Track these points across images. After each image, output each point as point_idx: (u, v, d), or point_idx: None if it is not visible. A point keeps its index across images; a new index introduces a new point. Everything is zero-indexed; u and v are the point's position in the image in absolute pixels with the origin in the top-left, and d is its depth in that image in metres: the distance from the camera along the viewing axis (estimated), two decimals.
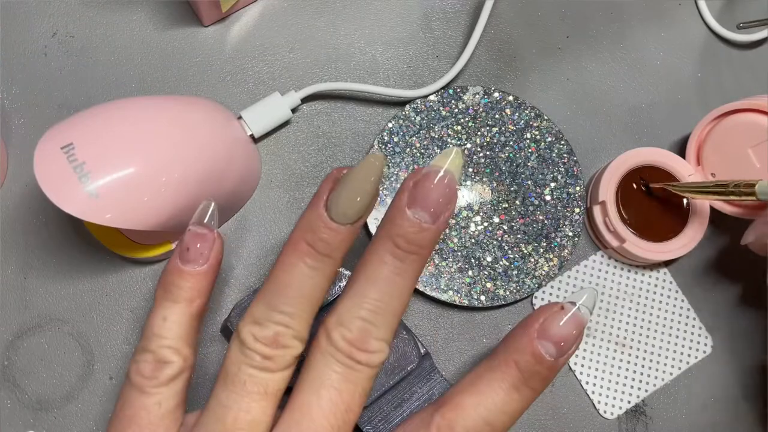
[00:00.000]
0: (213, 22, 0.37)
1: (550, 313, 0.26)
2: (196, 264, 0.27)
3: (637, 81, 0.39)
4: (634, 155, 0.36)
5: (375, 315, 0.25)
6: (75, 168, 0.27)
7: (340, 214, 0.25)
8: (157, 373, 0.26)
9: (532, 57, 0.39)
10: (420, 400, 0.32)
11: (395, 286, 0.25)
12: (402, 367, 0.32)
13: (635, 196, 0.35)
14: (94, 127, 0.29)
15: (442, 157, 0.25)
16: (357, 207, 0.25)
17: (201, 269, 0.27)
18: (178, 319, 0.26)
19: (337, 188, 0.25)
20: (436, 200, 0.25)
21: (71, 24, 0.37)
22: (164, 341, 0.26)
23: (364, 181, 0.25)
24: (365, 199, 0.25)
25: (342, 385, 0.25)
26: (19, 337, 0.33)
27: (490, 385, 0.26)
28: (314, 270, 0.25)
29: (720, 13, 0.41)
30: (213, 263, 0.27)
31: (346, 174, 0.25)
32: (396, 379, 0.31)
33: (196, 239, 0.27)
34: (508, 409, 0.26)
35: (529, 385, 0.26)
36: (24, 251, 0.34)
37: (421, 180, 0.25)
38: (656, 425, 0.35)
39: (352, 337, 0.25)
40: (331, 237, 0.25)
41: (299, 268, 0.25)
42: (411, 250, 0.25)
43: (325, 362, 0.25)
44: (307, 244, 0.25)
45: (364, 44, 0.38)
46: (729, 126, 0.35)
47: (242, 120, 0.34)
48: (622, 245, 0.35)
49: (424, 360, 0.33)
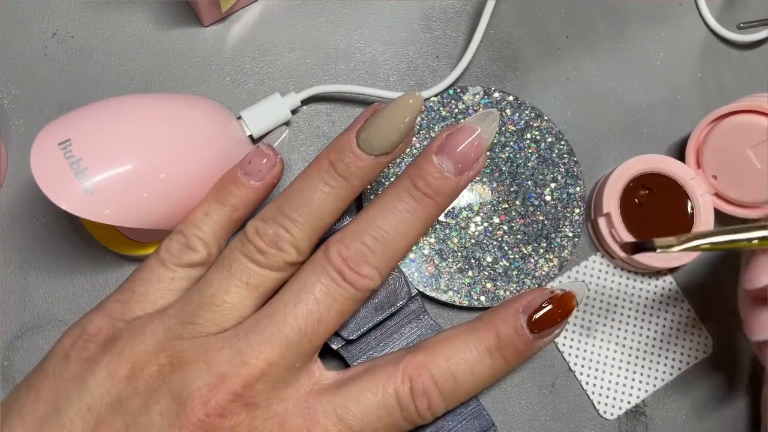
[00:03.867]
0: (213, 22, 0.37)
1: (539, 295, 0.27)
2: (251, 177, 0.28)
3: (637, 81, 0.39)
4: (634, 163, 0.35)
5: (376, 242, 0.27)
6: (72, 164, 0.27)
7: (366, 143, 0.26)
8: (182, 254, 0.28)
9: (532, 57, 0.39)
10: (408, 339, 0.32)
11: (404, 223, 0.27)
12: (391, 302, 0.32)
13: (639, 205, 0.35)
14: (92, 123, 0.28)
15: (479, 117, 0.27)
16: (384, 140, 0.26)
17: (255, 184, 0.28)
18: (217, 219, 0.28)
19: (371, 119, 0.26)
20: (462, 154, 0.26)
21: (71, 24, 0.37)
22: (199, 232, 0.28)
23: (396, 118, 0.26)
24: (393, 135, 0.26)
25: (323, 296, 0.26)
26: (18, 338, 0.33)
27: (466, 343, 0.27)
28: (328, 186, 0.27)
29: (720, 13, 0.41)
30: (267, 183, 0.29)
31: (382, 107, 0.26)
32: (385, 315, 0.31)
33: (259, 156, 0.29)
34: (477, 370, 0.27)
35: (503, 355, 0.27)
36: (24, 251, 0.34)
37: (454, 133, 0.27)
38: (656, 425, 0.35)
39: (347, 255, 0.26)
40: (352, 162, 0.26)
41: (314, 181, 0.27)
42: (428, 193, 0.26)
43: (314, 270, 0.27)
44: (329, 162, 0.27)
45: (364, 44, 0.38)
46: (727, 127, 0.35)
47: (242, 120, 0.34)
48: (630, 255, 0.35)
49: (413, 301, 0.33)
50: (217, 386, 0.25)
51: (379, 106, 0.27)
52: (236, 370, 0.25)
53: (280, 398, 0.26)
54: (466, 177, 0.27)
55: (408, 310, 0.33)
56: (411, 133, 0.27)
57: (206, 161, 0.30)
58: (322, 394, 0.27)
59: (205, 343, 0.26)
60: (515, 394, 0.35)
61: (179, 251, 0.28)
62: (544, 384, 0.35)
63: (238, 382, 0.25)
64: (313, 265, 0.27)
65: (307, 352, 0.26)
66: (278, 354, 0.25)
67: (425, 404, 0.26)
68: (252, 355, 0.25)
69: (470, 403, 0.32)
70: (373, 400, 0.26)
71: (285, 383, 0.26)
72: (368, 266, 0.26)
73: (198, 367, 0.25)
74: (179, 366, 0.25)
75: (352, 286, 0.26)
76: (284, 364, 0.26)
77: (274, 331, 0.26)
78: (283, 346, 0.25)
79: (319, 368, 0.28)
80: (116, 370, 0.25)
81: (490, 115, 0.27)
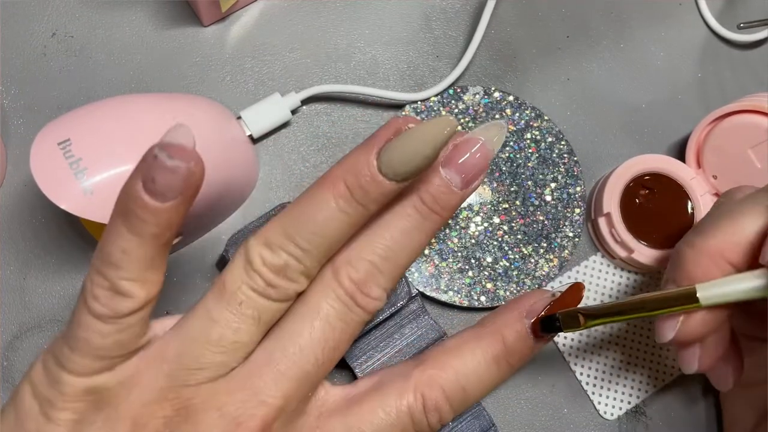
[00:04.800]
0: (213, 22, 0.37)
1: (541, 298, 0.27)
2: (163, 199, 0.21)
3: (637, 81, 0.39)
4: (634, 164, 0.35)
5: (384, 261, 0.25)
6: (71, 164, 0.27)
7: (391, 169, 0.23)
8: (115, 305, 0.22)
9: (532, 57, 0.39)
10: (408, 339, 0.32)
11: (410, 240, 0.25)
12: (392, 302, 0.31)
13: (639, 205, 0.35)
14: (91, 123, 0.28)
15: (486, 128, 0.26)
16: (411, 168, 0.23)
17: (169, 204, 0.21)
18: (142, 254, 0.22)
19: (396, 141, 0.23)
20: (469, 167, 0.25)
21: (71, 24, 0.37)
22: (124, 274, 0.22)
23: (427, 144, 0.23)
24: (421, 163, 0.23)
25: (336, 322, 0.24)
26: (18, 338, 0.33)
27: (474, 353, 0.26)
28: (344, 214, 0.24)
29: (720, 13, 0.41)
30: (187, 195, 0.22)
31: (411, 129, 0.23)
32: (385, 315, 0.31)
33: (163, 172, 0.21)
34: (485, 379, 0.26)
35: (509, 361, 0.27)
36: (24, 251, 0.34)
37: (460, 144, 0.25)
38: (656, 426, 0.35)
39: (357, 278, 0.25)
40: (373, 188, 0.23)
41: (329, 206, 0.24)
42: (434, 209, 0.25)
43: (325, 296, 0.25)
44: (345, 186, 0.23)
45: (364, 44, 0.38)
46: (728, 127, 0.35)
47: (241, 120, 0.34)
48: (630, 255, 0.35)
49: (413, 301, 0.33)
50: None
51: (403, 125, 0.24)
52: (253, 413, 0.23)
53: (294, 429, 0.25)
54: (470, 189, 0.26)
55: (408, 310, 0.33)
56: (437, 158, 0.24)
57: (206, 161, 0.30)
58: (332, 415, 0.26)
59: (215, 388, 0.23)
60: (515, 394, 0.35)
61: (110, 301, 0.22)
62: (544, 384, 0.35)
63: (255, 426, 0.23)
64: (322, 289, 0.25)
65: (321, 379, 0.25)
66: (295, 388, 0.24)
67: (436, 417, 0.26)
68: (269, 394, 0.23)
69: None
70: (387, 419, 0.25)
71: (299, 413, 0.25)
72: (377, 288, 0.25)
73: (211, 415, 0.23)
74: (189, 416, 0.23)
75: (364, 310, 0.25)
76: (299, 396, 0.24)
77: (290, 365, 0.24)
78: (300, 380, 0.24)
79: (323, 386, 0.27)
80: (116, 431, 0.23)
81: (496, 126, 0.26)
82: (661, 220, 0.35)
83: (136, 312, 0.23)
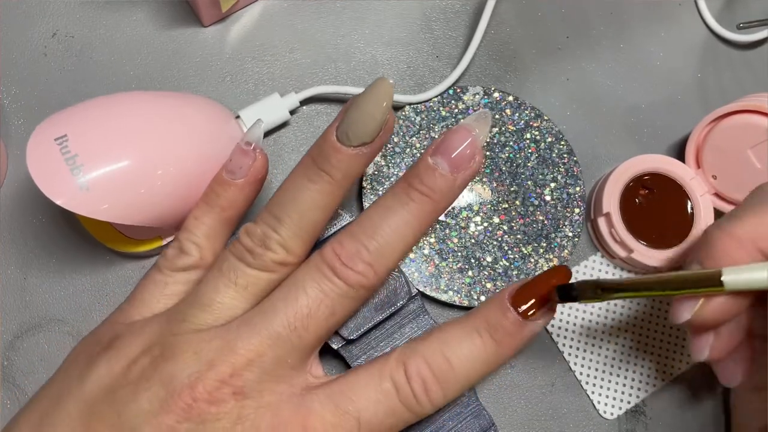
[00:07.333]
0: (213, 22, 0.37)
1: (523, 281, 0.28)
2: (234, 175, 0.29)
3: (637, 81, 0.39)
4: (634, 164, 0.35)
5: (371, 240, 0.27)
6: (67, 160, 0.27)
7: (344, 135, 0.26)
8: (176, 259, 0.29)
9: (532, 57, 0.39)
10: (408, 339, 0.32)
11: (401, 222, 0.27)
12: (392, 302, 0.32)
13: (638, 205, 0.35)
14: (89, 119, 0.28)
15: (472, 117, 0.27)
16: (360, 129, 0.26)
17: (239, 182, 0.29)
18: (208, 222, 0.29)
19: (346, 111, 0.27)
20: (456, 151, 0.27)
21: (71, 24, 0.37)
22: (191, 236, 0.29)
23: (369, 106, 0.26)
24: (369, 123, 0.26)
25: (313, 291, 0.27)
26: (19, 337, 0.33)
27: (455, 328, 0.28)
28: (312, 183, 0.27)
29: (720, 13, 0.41)
30: (251, 179, 0.29)
31: (355, 97, 0.27)
32: (385, 314, 0.31)
33: (239, 153, 0.29)
34: (469, 351, 0.27)
35: (493, 336, 0.27)
36: (24, 251, 0.34)
37: (446, 134, 0.27)
38: (656, 426, 0.35)
39: (340, 251, 0.27)
40: (332, 154, 0.27)
41: (299, 179, 0.27)
42: (423, 191, 0.27)
43: (307, 269, 0.27)
44: (311, 159, 0.27)
45: (364, 45, 0.38)
46: (727, 127, 0.35)
47: (240, 119, 0.34)
48: (629, 255, 0.35)
49: (413, 301, 0.33)
50: (205, 373, 0.25)
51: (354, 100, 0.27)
52: (224, 359, 0.26)
53: (273, 391, 0.26)
54: (462, 176, 0.27)
55: (408, 310, 0.33)
56: (389, 120, 0.27)
57: (203, 159, 0.30)
58: (318, 387, 0.27)
59: (196, 336, 0.26)
60: (515, 394, 0.35)
61: (173, 256, 0.29)
62: (544, 384, 0.35)
63: (225, 369, 0.25)
64: (307, 264, 0.28)
65: (298, 347, 0.27)
66: (266, 345, 0.26)
67: (421, 386, 0.26)
68: (240, 346, 0.26)
69: (470, 402, 0.32)
70: (370, 384, 0.27)
71: (277, 377, 0.26)
72: (362, 262, 0.27)
73: (188, 356, 0.26)
74: (170, 356, 0.26)
75: (344, 282, 0.27)
76: (273, 356, 0.26)
77: (263, 324, 0.26)
78: (271, 338, 0.26)
79: (317, 369, 0.28)
80: (114, 366, 0.26)
81: (483, 115, 0.27)
82: (661, 220, 0.35)
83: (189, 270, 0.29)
